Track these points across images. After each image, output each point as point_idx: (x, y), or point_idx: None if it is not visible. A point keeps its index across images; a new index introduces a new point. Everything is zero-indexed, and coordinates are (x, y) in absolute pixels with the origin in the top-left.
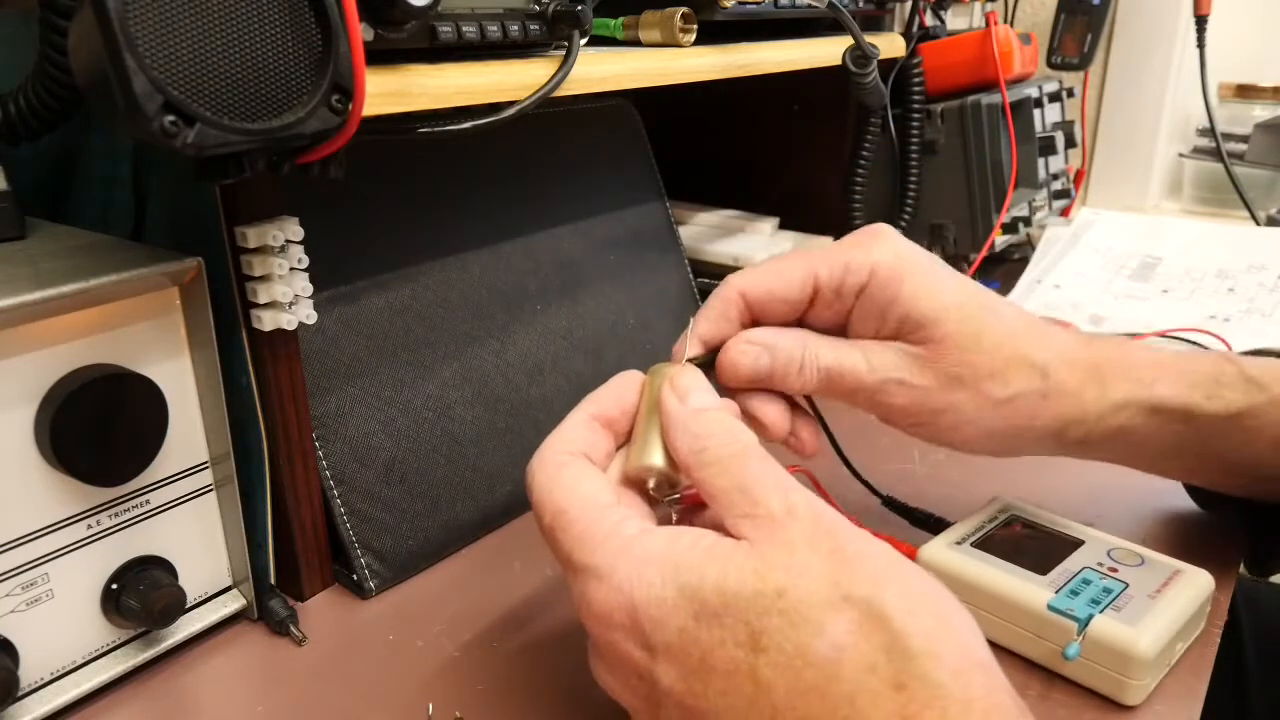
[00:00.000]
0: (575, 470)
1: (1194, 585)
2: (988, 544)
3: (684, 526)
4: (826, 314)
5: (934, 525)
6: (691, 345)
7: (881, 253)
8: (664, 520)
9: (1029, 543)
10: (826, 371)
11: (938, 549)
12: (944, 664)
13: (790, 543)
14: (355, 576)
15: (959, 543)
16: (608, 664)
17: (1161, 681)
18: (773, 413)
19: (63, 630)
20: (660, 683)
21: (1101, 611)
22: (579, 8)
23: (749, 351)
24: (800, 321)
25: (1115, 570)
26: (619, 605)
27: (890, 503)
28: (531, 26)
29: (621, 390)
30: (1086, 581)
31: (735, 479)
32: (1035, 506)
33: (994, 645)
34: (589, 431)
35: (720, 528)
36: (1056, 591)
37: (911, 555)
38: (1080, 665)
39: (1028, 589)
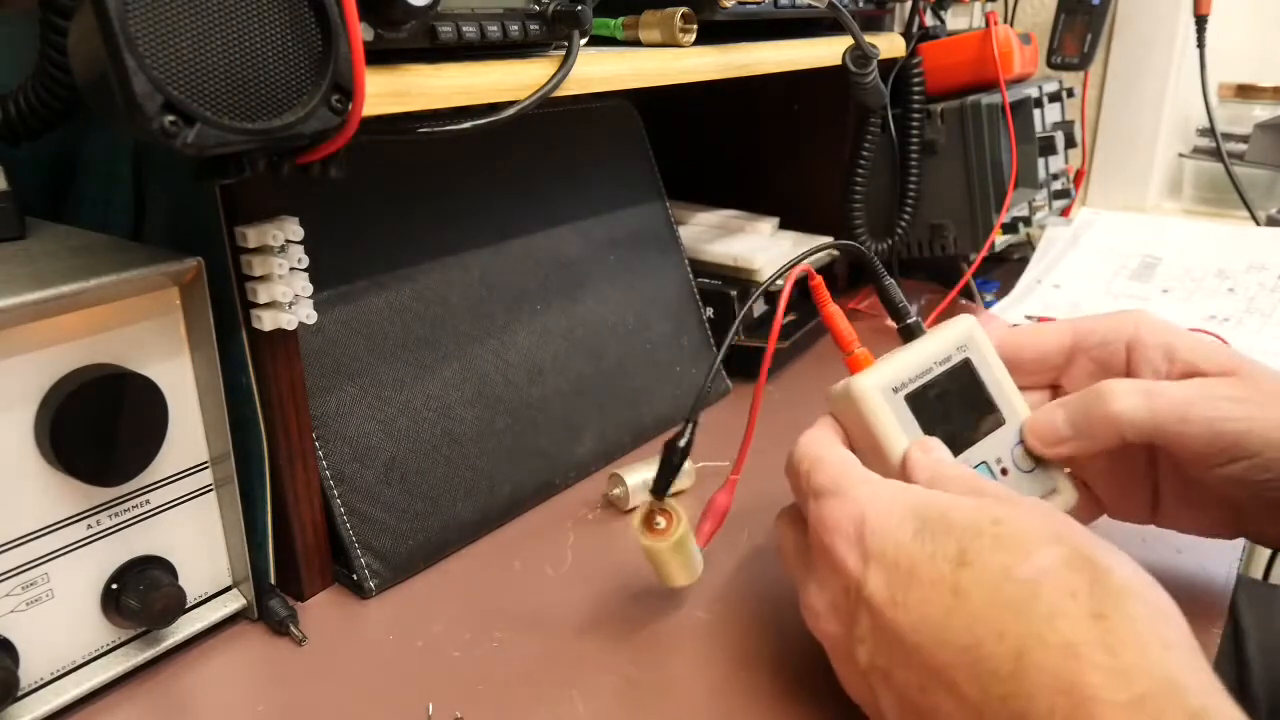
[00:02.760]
0: (836, 441)
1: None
2: (920, 398)
3: None
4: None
5: None
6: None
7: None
8: None
9: (958, 409)
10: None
11: (870, 382)
12: (1145, 602)
13: (1020, 502)
14: (355, 576)
15: (896, 390)
16: (819, 579)
17: None
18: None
19: (63, 630)
20: (864, 588)
21: None
22: (579, 8)
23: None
24: None
25: (1006, 473)
26: (849, 515)
27: None
28: (531, 26)
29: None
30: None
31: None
32: (997, 356)
33: None
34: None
35: None
36: None
37: (855, 368)
38: None
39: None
